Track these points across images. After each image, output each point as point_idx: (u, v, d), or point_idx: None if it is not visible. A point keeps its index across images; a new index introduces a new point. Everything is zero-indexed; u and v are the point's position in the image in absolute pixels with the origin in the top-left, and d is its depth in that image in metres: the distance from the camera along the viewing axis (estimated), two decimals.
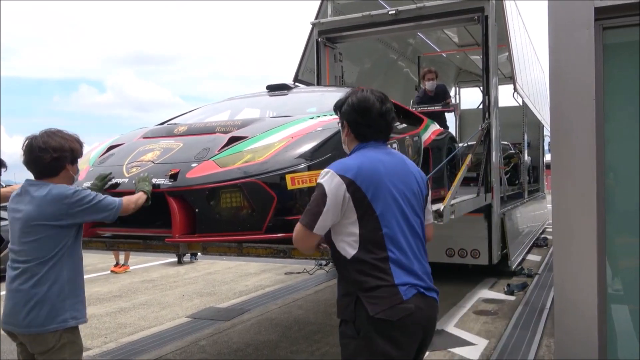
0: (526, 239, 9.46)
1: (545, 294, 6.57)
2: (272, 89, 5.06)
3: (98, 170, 3.48)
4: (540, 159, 13.15)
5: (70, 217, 2.51)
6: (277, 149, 3.19)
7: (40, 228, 2.47)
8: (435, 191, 5.45)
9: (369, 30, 7.24)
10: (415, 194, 2.16)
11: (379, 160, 2.10)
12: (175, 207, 3.08)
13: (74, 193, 2.52)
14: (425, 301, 2.06)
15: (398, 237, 2.04)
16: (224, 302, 6.64)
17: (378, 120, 2.15)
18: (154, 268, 9.27)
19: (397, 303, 1.98)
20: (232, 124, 3.72)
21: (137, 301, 6.75)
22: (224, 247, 3.30)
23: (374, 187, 2.02)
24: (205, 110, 4.81)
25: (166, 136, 3.75)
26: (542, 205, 12.60)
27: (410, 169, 2.20)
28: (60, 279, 2.50)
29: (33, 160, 2.55)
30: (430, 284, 2.12)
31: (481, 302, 6.25)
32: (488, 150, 6.72)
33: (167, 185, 3.13)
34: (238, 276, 8.36)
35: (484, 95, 6.96)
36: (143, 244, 3.44)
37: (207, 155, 3.28)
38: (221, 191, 3.04)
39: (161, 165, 3.29)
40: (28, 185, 2.56)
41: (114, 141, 3.96)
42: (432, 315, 2.11)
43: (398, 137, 4.74)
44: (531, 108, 9.57)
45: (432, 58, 11.65)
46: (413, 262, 2.07)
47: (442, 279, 7.32)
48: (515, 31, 7.68)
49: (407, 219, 2.09)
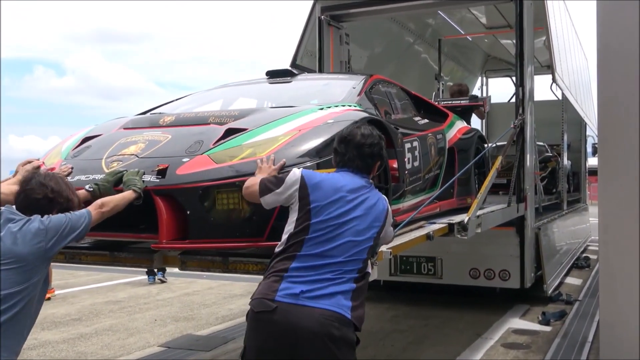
0: (565, 258, 9.46)
1: (587, 324, 6.55)
2: (273, 75, 5.07)
3: (72, 164, 3.50)
4: (582, 164, 13.16)
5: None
6: (281, 144, 3.23)
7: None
8: (461, 199, 5.47)
9: (382, 7, 7.27)
10: (360, 231, 2.66)
11: (344, 182, 2.70)
12: (162, 208, 3.09)
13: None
14: (297, 308, 2.47)
15: (315, 247, 2.58)
16: (204, 328, 6.61)
17: (352, 150, 2.77)
18: (121, 287, 9.26)
19: (265, 298, 2.53)
20: (228, 114, 3.76)
21: (100, 326, 6.72)
22: (207, 261, 3.32)
23: (325, 202, 2.63)
24: (194, 99, 4.84)
25: (150, 127, 3.76)
26: (583, 218, 12.61)
27: (372, 211, 2.72)
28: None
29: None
30: (320, 292, 2.51)
31: (511, 334, 6.23)
32: (521, 152, 6.72)
33: (153, 183, 3.14)
34: (221, 298, 8.34)
35: (517, 86, 6.97)
36: (110, 256, 3.43)
37: (201, 149, 3.30)
38: (216, 191, 3.06)
39: (146, 160, 3.31)
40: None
41: (89, 132, 3.96)
42: (304, 324, 2.46)
43: (419, 134, 4.77)
44: (572, 103, 9.58)
45: (455, 42, 11.67)
46: (312, 273, 2.54)
47: (465, 305, 7.35)
48: (555, 11, 7.70)
49: (336, 241, 2.60)
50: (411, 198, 4.49)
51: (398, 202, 4.18)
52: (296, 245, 2.60)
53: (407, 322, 6.71)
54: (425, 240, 4.05)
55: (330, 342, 2.46)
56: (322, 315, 2.48)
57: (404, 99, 5.33)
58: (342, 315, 2.51)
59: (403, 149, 4.31)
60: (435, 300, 7.60)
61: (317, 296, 2.51)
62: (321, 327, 2.47)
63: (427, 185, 4.93)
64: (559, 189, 10.59)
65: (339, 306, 2.52)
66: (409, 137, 4.54)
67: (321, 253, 2.57)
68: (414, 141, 4.61)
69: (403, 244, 3.73)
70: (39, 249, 2.58)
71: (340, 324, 2.50)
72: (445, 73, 11.57)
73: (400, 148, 4.24)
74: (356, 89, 4.36)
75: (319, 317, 2.47)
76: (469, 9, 9.74)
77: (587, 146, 13.47)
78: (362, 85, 4.45)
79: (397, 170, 4.10)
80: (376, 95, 4.58)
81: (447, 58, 11.62)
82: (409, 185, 4.40)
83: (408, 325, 6.55)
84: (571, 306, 7.40)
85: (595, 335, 5.99)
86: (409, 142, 4.49)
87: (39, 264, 2.60)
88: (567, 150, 11.09)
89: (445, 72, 11.45)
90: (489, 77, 14.43)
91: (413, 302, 7.56)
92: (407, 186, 4.34)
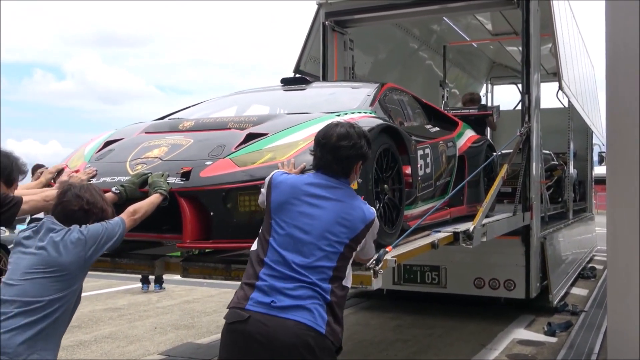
0: (570, 268, 9.43)
1: (593, 335, 6.52)
2: (288, 82, 5.27)
3: (96, 166, 3.63)
4: (588, 172, 13.14)
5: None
6: (301, 148, 3.38)
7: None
8: (471, 206, 5.52)
9: (387, 12, 7.28)
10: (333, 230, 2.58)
11: (309, 184, 2.66)
12: (187, 209, 3.24)
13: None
14: (270, 319, 2.44)
15: (279, 249, 2.54)
16: (204, 336, 6.60)
17: (327, 154, 2.69)
18: (120, 294, 9.25)
19: (237, 307, 2.51)
20: (246, 119, 3.92)
21: (99, 333, 6.70)
22: (209, 268, 3.39)
23: (282, 201, 2.62)
24: (209, 105, 5.03)
25: (171, 131, 3.94)
26: (589, 228, 12.58)
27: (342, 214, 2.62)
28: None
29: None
30: (292, 302, 2.46)
31: (516, 344, 6.20)
32: (527, 160, 6.72)
33: (178, 185, 3.29)
34: (222, 306, 8.31)
35: (523, 94, 6.98)
36: (111, 263, 3.47)
37: (223, 152, 3.47)
38: (239, 193, 3.24)
39: (170, 163, 3.47)
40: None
41: (111, 136, 4.13)
42: (279, 336, 2.42)
43: (431, 142, 4.89)
44: (579, 110, 9.57)
45: (460, 48, 11.69)
46: (283, 282, 2.49)
47: (469, 315, 7.32)
48: (561, 18, 7.71)
49: (300, 240, 2.55)
50: (422, 204, 4.60)
51: (410, 208, 4.30)
52: (262, 248, 2.60)
53: (411, 331, 6.69)
54: (430, 248, 4.06)
55: (307, 352, 2.43)
56: (297, 327, 2.44)
57: (416, 107, 5.48)
58: (316, 330, 2.45)
59: (416, 156, 4.42)
60: (439, 309, 7.57)
61: (288, 307, 2.46)
62: (297, 339, 2.43)
63: (438, 192, 5.05)
64: (564, 198, 10.57)
65: (313, 319, 2.46)
66: (421, 144, 4.66)
67: (285, 258, 2.52)
68: (426, 148, 4.74)
69: (408, 252, 3.74)
70: (80, 258, 2.73)
71: (316, 335, 2.46)
72: (450, 80, 11.58)
73: (414, 155, 4.36)
74: (370, 96, 4.49)
75: (293, 328, 2.43)
76: (475, 15, 9.76)
77: (594, 155, 13.46)
78: (376, 93, 4.59)
79: (411, 176, 4.23)
80: (389, 103, 4.73)
81: (452, 64, 11.63)
82: (421, 191, 4.53)
83: (412, 335, 6.52)
84: (577, 317, 7.37)
85: (602, 346, 5.97)
86: (421, 149, 4.61)
87: (78, 273, 2.76)
88: (573, 159, 11.07)
89: (450, 78, 11.46)
90: (494, 84, 14.45)
91: (417, 312, 7.54)
92: (419, 192, 4.46)
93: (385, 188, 3.73)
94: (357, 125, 2.81)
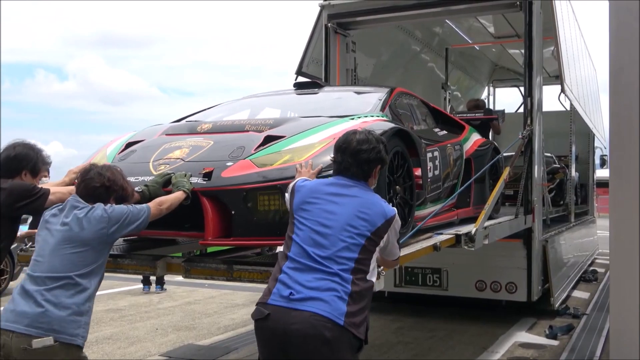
0: (572, 271, 9.43)
1: (594, 339, 6.53)
2: (300, 86, 5.43)
3: (119, 166, 3.66)
4: (590, 175, 13.15)
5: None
6: (318, 150, 3.51)
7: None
8: (477, 207, 5.57)
9: (389, 15, 7.29)
10: (352, 224, 2.67)
11: (329, 184, 2.81)
12: (209, 208, 3.37)
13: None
14: (288, 312, 2.51)
15: (302, 244, 2.65)
16: (205, 338, 6.62)
17: (348, 158, 2.80)
18: (121, 295, 9.26)
19: (261, 303, 2.62)
20: (263, 122, 4.05)
21: (100, 334, 6.71)
22: (211, 269, 3.43)
23: (303, 200, 2.76)
24: (223, 109, 5.15)
25: (190, 133, 4.07)
26: (591, 231, 12.58)
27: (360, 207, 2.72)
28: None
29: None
30: (310, 294, 2.53)
31: (517, 347, 6.21)
32: (529, 163, 6.73)
33: (200, 185, 3.42)
34: (223, 307, 8.33)
35: (525, 97, 6.98)
36: (113, 263, 3.50)
37: (243, 154, 3.61)
38: (259, 193, 3.37)
39: (192, 163, 3.60)
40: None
41: (131, 137, 4.25)
42: (296, 327, 2.49)
43: (439, 145, 5.01)
44: (581, 113, 9.58)
45: (462, 51, 11.70)
46: (303, 274, 2.58)
47: (470, 318, 7.32)
48: (564, 21, 7.72)
49: (320, 236, 2.65)
50: (431, 206, 4.72)
51: (419, 209, 4.41)
52: (287, 245, 2.72)
53: (412, 334, 6.69)
54: (432, 251, 4.09)
55: (321, 344, 2.46)
56: (313, 317, 2.48)
57: (424, 111, 5.60)
58: (333, 321, 2.48)
59: (426, 159, 4.53)
60: (441, 312, 7.58)
61: (306, 298, 2.52)
62: (313, 329, 2.47)
63: (445, 194, 5.15)
64: (566, 201, 10.59)
65: (330, 310, 2.50)
66: (430, 147, 4.78)
67: (307, 251, 2.62)
68: (435, 151, 4.87)
69: (410, 254, 3.77)
70: (102, 234, 2.87)
71: (333, 326, 2.48)
72: (452, 82, 11.60)
73: (424, 157, 4.48)
74: (382, 100, 4.61)
75: (309, 319, 2.48)
76: (477, 18, 9.78)
77: (595, 158, 13.46)
78: (387, 97, 4.71)
79: (421, 178, 4.36)
80: (400, 107, 4.85)
81: (454, 67, 11.65)
82: (430, 192, 4.66)
83: (413, 338, 6.53)
84: (578, 320, 7.38)
85: (603, 349, 5.98)
86: (430, 152, 4.73)
87: (101, 248, 2.91)
88: (575, 162, 11.08)
89: (452, 81, 11.49)
90: (496, 87, 14.45)
91: (418, 314, 7.55)
92: (428, 194, 4.59)
93: (397, 190, 3.86)
94: (374, 132, 2.93)
